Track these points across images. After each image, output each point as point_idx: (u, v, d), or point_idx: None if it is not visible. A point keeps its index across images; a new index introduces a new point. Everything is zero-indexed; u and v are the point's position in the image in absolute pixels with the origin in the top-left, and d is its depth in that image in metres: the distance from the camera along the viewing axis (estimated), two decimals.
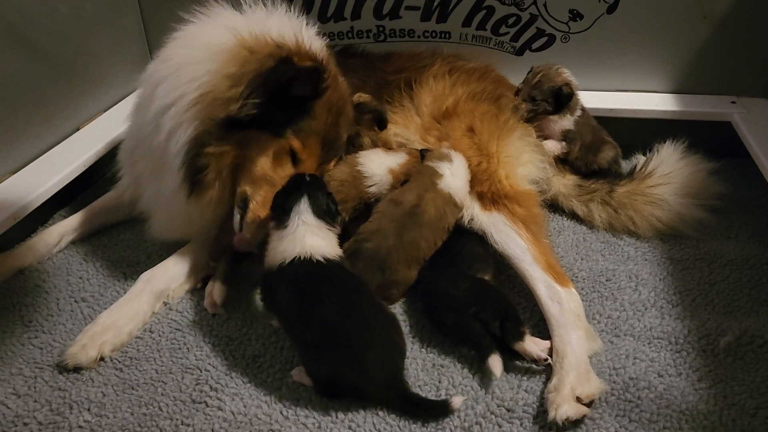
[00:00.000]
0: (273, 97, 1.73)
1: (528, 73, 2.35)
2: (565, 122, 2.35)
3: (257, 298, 1.91)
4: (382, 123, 2.13)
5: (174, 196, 1.84)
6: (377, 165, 2.03)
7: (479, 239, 1.94)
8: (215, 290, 1.89)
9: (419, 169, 2.00)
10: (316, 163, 1.91)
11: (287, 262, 1.62)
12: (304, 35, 1.87)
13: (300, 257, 1.61)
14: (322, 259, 1.62)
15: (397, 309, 1.87)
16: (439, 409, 1.53)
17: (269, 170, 1.82)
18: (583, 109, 2.39)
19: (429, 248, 1.88)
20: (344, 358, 1.53)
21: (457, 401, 1.53)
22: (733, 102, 2.55)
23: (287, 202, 1.69)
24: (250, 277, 1.99)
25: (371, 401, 1.55)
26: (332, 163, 1.99)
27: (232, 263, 1.99)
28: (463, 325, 1.68)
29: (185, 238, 2.03)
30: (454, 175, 1.95)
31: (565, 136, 2.36)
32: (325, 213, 1.70)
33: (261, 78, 1.70)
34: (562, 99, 2.29)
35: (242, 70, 1.72)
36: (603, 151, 2.39)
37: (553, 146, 2.35)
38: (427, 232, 1.87)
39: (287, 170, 1.84)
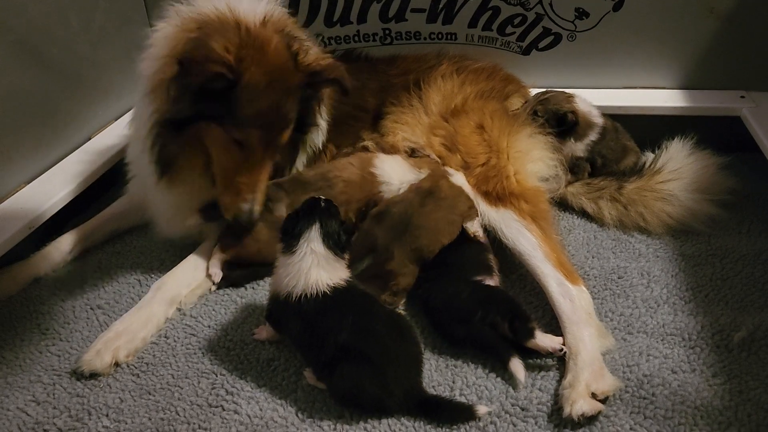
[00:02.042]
0: (197, 94, 1.72)
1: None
2: (576, 148, 2.33)
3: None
4: (345, 91, 1.95)
5: (156, 188, 1.92)
6: (398, 175, 2.04)
7: (478, 247, 1.92)
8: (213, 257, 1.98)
9: (432, 167, 2.05)
10: (261, 150, 1.84)
11: (294, 298, 1.59)
12: (235, 5, 1.81)
13: (306, 293, 1.58)
14: (328, 291, 1.59)
15: (409, 311, 1.88)
16: (464, 413, 1.53)
17: (226, 162, 1.85)
18: (603, 131, 2.35)
19: (445, 233, 1.88)
20: (362, 376, 1.52)
21: (482, 409, 1.53)
22: (742, 96, 2.55)
23: (298, 226, 1.63)
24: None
25: (392, 413, 1.55)
26: (285, 136, 1.89)
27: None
28: (475, 334, 1.68)
29: (181, 230, 2.07)
30: (459, 179, 2.02)
31: (573, 164, 2.34)
32: (336, 243, 1.63)
33: (175, 86, 1.74)
34: (565, 125, 2.29)
35: (172, 52, 1.77)
36: (624, 160, 2.38)
37: None
38: (445, 212, 1.89)
39: (237, 159, 1.84)
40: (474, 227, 1.94)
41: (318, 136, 2.15)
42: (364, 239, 1.87)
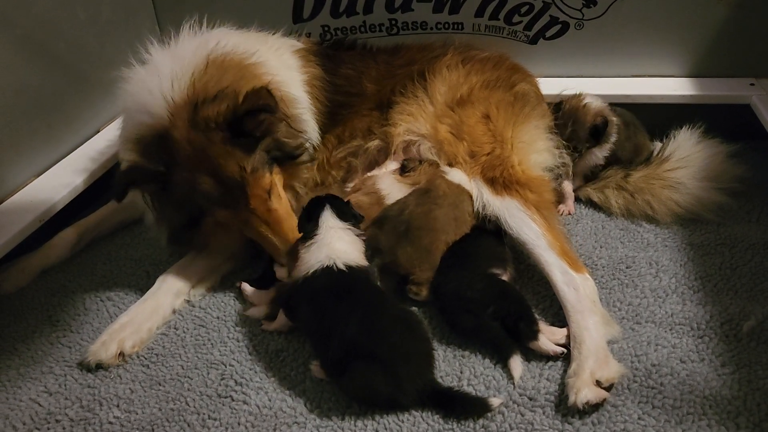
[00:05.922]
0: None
1: (561, 112, 2.30)
2: (600, 154, 2.29)
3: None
4: (269, 109, 1.79)
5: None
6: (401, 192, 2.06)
7: (495, 239, 1.92)
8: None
9: (429, 173, 2.07)
10: (249, 210, 1.86)
11: (311, 272, 1.64)
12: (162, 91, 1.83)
13: (324, 266, 1.63)
14: (344, 268, 1.63)
15: (417, 303, 1.88)
16: (478, 407, 1.53)
17: (250, 234, 1.95)
18: (618, 129, 2.30)
19: (450, 231, 1.89)
20: (374, 376, 1.51)
21: (495, 402, 1.53)
22: (751, 84, 2.52)
23: (313, 214, 1.74)
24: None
25: (406, 409, 1.55)
26: (262, 183, 1.85)
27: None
28: (483, 326, 1.68)
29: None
30: (455, 174, 2.04)
31: (591, 171, 2.32)
32: (350, 216, 1.75)
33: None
34: (599, 131, 2.25)
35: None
36: (638, 156, 2.35)
37: (563, 208, 2.27)
38: (447, 209, 1.91)
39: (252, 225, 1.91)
40: None
41: (312, 133, 2.13)
42: (368, 241, 1.87)
